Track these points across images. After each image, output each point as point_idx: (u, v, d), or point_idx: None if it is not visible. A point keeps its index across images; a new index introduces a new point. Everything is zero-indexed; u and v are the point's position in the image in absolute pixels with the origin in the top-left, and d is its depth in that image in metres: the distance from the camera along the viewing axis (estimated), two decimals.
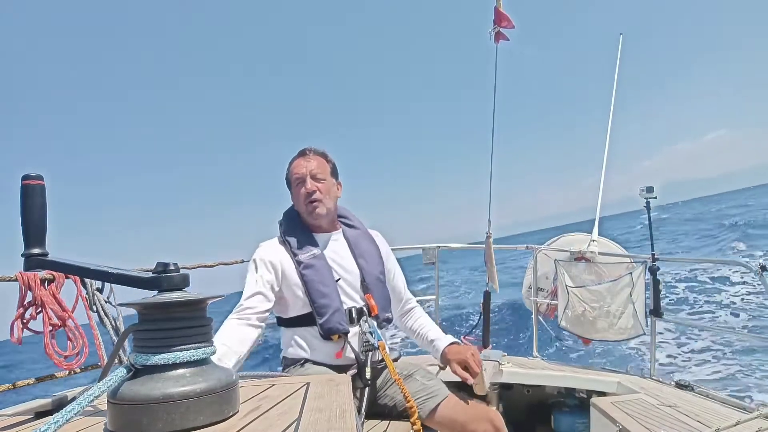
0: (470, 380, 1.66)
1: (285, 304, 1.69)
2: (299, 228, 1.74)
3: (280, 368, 1.72)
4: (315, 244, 1.71)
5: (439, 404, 1.62)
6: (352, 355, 1.61)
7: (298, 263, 1.65)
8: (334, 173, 1.78)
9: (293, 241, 1.70)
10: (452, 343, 1.77)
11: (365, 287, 1.72)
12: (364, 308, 1.68)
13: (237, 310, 1.59)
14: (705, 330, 9.11)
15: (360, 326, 1.64)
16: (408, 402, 1.38)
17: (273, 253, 1.69)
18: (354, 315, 1.66)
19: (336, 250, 1.74)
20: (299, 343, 1.66)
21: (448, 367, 1.76)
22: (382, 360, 1.60)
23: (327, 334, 1.60)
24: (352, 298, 1.69)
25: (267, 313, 1.63)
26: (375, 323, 1.67)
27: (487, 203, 3.37)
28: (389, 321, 1.78)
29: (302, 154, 1.75)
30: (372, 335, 1.62)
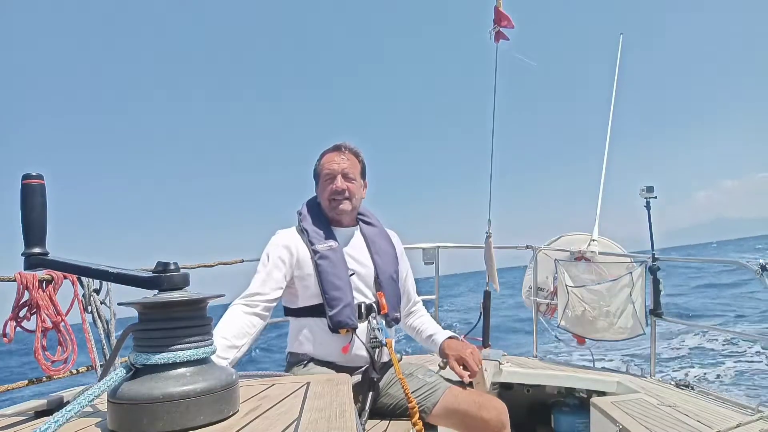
0: (466, 378, 1.65)
1: (295, 293, 1.68)
2: (319, 219, 1.74)
3: (285, 364, 1.71)
4: (333, 237, 1.70)
5: (441, 397, 1.62)
6: (359, 352, 1.61)
7: (314, 252, 1.65)
8: (363, 173, 1.79)
9: (311, 230, 1.69)
10: (450, 338, 1.77)
11: (378, 284, 1.71)
12: (374, 305, 1.68)
13: (245, 296, 1.56)
14: (705, 330, 9.13)
15: (369, 322, 1.65)
16: (410, 402, 1.37)
17: (290, 239, 1.69)
18: (363, 311, 1.66)
19: (353, 245, 1.75)
20: (306, 335, 1.65)
21: (449, 367, 1.76)
22: (387, 361, 1.60)
23: (335, 327, 1.59)
24: (363, 293, 1.68)
25: (275, 303, 1.61)
26: (383, 321, 1.68)
27: (487, 202, 3.37)
28: (397, 321, 1.78)
29: (336, 149, 1.74)
30: (380, 332, 1.62)
